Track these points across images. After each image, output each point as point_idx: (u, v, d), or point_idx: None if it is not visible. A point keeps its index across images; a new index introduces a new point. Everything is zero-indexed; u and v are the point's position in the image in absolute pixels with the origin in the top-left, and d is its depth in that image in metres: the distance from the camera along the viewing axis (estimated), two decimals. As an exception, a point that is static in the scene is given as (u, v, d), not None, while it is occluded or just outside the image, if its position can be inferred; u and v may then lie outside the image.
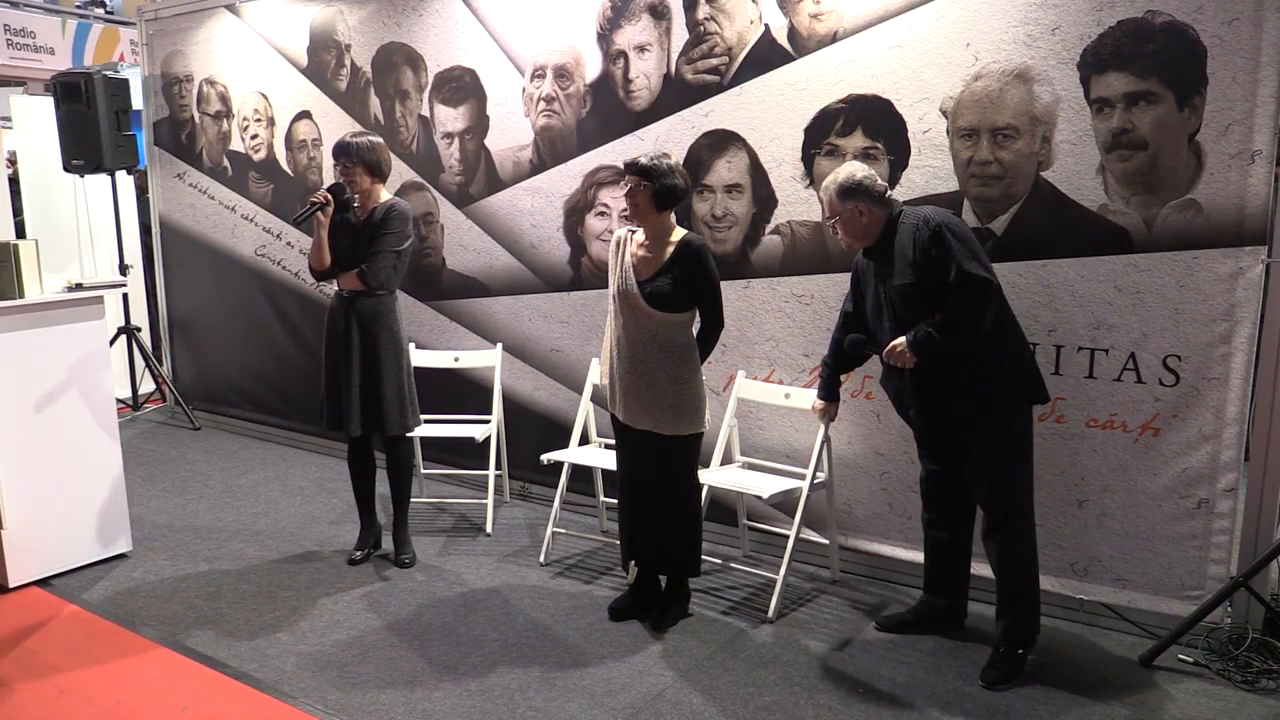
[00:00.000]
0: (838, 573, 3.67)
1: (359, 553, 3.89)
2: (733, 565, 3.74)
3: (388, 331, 3.67)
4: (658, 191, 3.06)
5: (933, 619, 3.26)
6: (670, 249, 3.13)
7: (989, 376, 2.88)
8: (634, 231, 3.21)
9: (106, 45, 9.54)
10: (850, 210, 2.96)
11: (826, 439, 3.45)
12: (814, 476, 3.44)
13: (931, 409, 3.00)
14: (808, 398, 3.52)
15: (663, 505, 3.27)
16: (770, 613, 3.35)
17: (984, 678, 2.93)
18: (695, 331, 3.23)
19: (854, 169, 2.99)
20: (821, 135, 3.60)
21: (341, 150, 3.59)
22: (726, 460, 3.79)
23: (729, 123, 3.81)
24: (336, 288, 3.72)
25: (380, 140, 3.67)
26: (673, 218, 3.17)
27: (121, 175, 5.98)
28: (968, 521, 3.16)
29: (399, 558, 3.85)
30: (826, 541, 3.65)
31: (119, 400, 5.37)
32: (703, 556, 3.38)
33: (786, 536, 3.50)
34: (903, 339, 2.89)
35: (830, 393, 3.36)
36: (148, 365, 6.17)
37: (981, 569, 3.20)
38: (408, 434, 3.82)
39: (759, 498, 3.37)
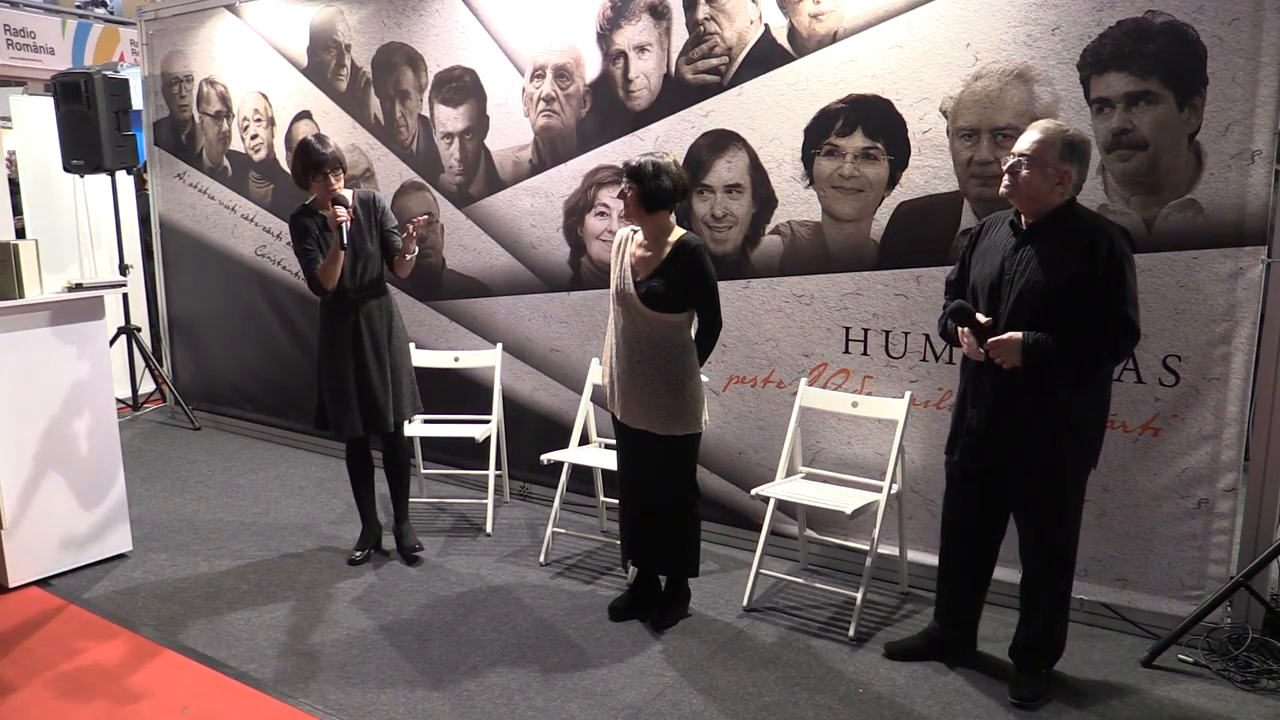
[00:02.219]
0: (906, 585, 3.54)
1: (359, 553, 3.90)
2: (797, 580, 3.60)
3: (399, 320, 3.84)
4: (642, 193, 3.06)
5: (943, 648, 3.08)
6: (668, 249, 3.12)
7: (1074, 430, 2.67)
8: (636, 231, 3.21)
9: (106, 45, 9.52)
10: (1060, 172, 2.61)
11: (901, 449, 3.34)
12: (890, 488, 3.33)
13: (998, 421, 2.75)
14: (877, 406, 3.45)
15: (661, 505, 3.27)
16: (850, 632, 3.22)
17: (1014, 695, 2.82)
18: (695, 333, 3.23)
19: (1081, 132, 2.72)
20: (821, 135, 3.60)
21: (330, 160, 3.56)
22: (791, 472, 3.63)
23: (729, 123, 3.81)
24: (329, 294, 3.68)
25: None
26: (672, 218, 3.15)
27: (121, 175, 5.99)
28: (994, 547, 2.97)
29: (411, 551, 3.87)
30: (865, 547, 3.39)
31: (119, 400, 5.37)
32: (763, 574, 3.28)
33: (850, 549, 3.45)
34: (1019, 335, 2.63)
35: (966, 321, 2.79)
36: (148, 365, 6.17)
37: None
38: (406, 425, 3.95)
39: (844, 514, 3.18)
